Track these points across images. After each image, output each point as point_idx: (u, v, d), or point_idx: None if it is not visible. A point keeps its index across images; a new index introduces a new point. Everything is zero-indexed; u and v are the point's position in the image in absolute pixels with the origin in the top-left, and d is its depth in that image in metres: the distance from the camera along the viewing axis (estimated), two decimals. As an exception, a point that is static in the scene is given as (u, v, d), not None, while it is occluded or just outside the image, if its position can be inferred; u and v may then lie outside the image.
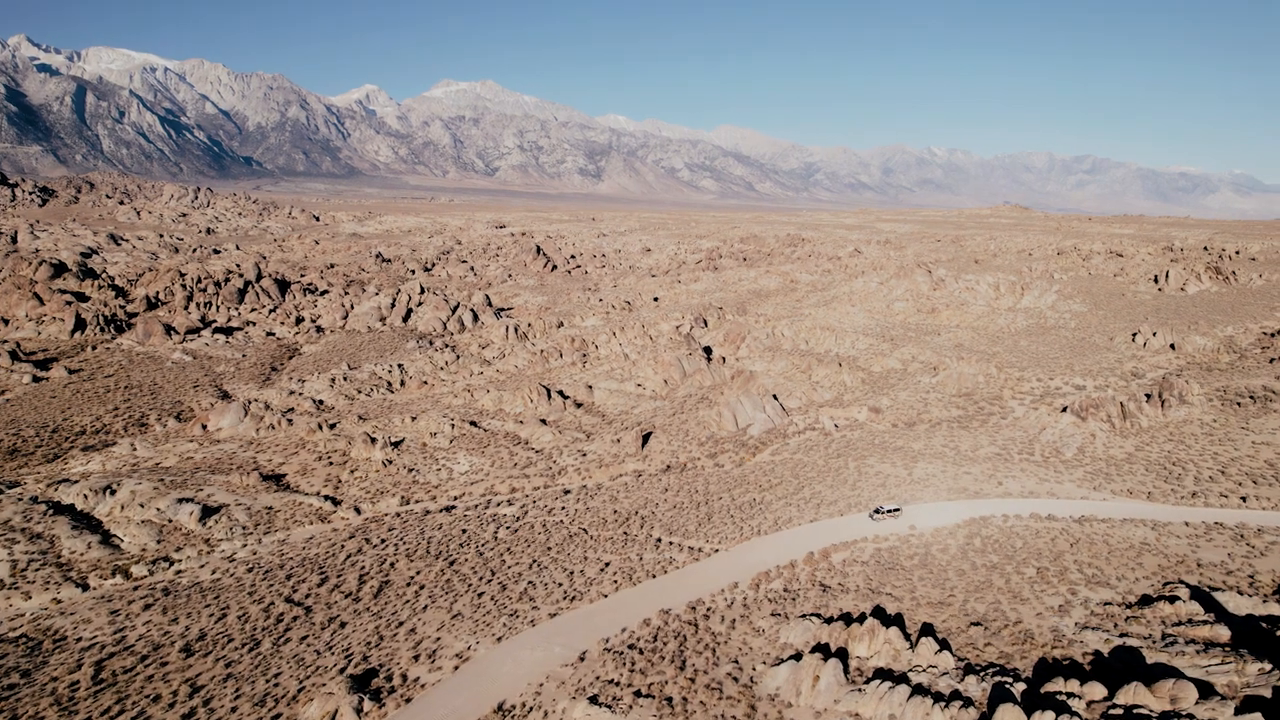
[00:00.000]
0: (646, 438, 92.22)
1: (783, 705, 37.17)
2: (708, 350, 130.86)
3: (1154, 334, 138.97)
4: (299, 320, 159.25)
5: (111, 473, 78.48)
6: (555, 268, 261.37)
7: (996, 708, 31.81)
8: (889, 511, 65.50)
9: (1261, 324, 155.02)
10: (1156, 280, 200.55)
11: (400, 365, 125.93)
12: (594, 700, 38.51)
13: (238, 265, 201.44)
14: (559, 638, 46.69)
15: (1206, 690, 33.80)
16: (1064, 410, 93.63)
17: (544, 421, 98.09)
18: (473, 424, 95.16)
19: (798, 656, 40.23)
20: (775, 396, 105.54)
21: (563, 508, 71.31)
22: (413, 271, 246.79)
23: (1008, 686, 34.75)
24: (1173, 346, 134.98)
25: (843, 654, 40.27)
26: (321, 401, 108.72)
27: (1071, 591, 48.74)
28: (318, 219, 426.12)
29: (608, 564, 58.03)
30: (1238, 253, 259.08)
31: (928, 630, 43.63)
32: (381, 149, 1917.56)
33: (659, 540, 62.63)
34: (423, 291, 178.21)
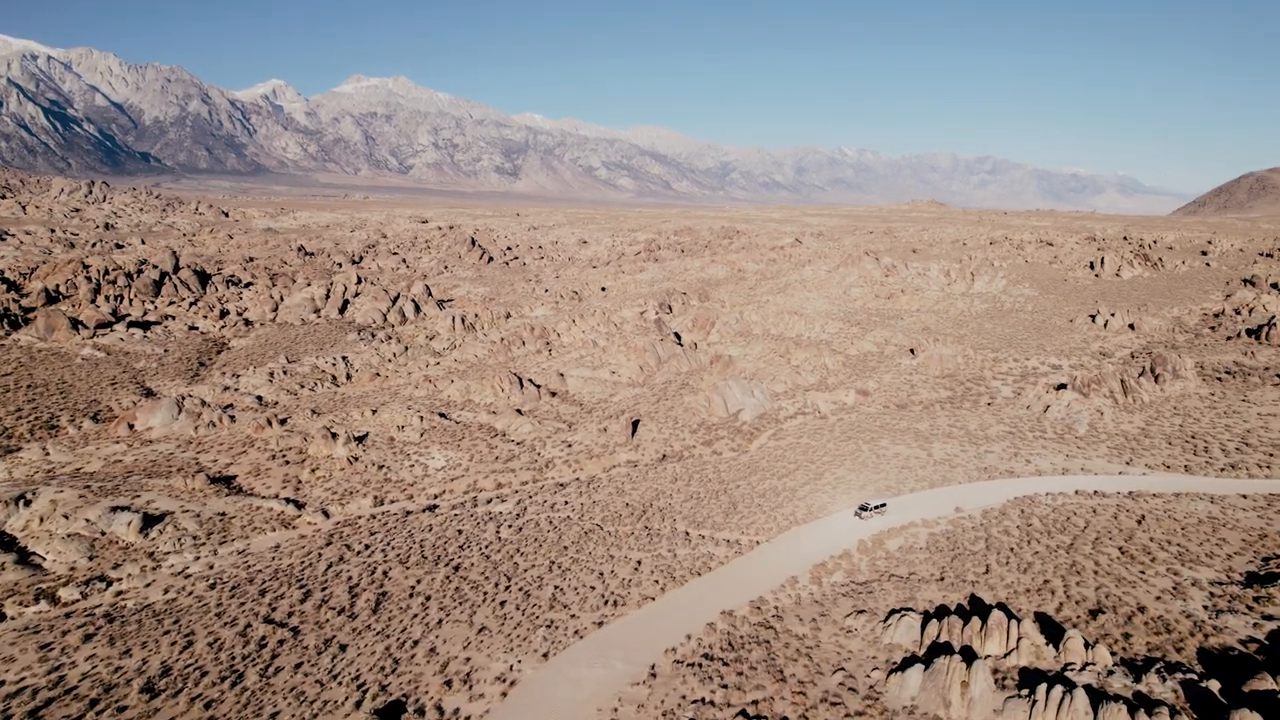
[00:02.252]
0: (635, 426, 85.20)
1: (928, 720, 30.90)
2: (677, 336, 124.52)
3: (1112, 315, 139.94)
4: (224, 313, 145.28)
5: (22, 480, 66.59)
6: (492, 260, 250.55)
7: (1229, 715, 26.31)
8: (876, 508, 60.05)
9: (1201, 305, 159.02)
10: (1093, 266, 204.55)
11: (344, 358, 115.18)
12: (692, 726, 31.45)
13: (146, 259, 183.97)
14: (615, 651, 39.30)
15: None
16: (1062, 387, 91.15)
17: (520, 411, 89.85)
18: (442, 415, 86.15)
19: (920, 660, 34.08)
20: (761, 380, 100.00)
21: (565, 502, 63.67)
22: (340, 265, 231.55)
23: (1201, 686, 29.42)
24: (1131, 327, 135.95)
25: (968, 653, 34.35)
26: (261, 397, 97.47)
27: (1173, 572, 44.25)
28: (227, 215, 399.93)
29: (639, 562, 50.87)
30: (1155, 242, 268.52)
31: (1045, 621, 38.20)
32: (290, 146, 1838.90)
33: (688, 534, 55.81)
34: (359, 282, 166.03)
